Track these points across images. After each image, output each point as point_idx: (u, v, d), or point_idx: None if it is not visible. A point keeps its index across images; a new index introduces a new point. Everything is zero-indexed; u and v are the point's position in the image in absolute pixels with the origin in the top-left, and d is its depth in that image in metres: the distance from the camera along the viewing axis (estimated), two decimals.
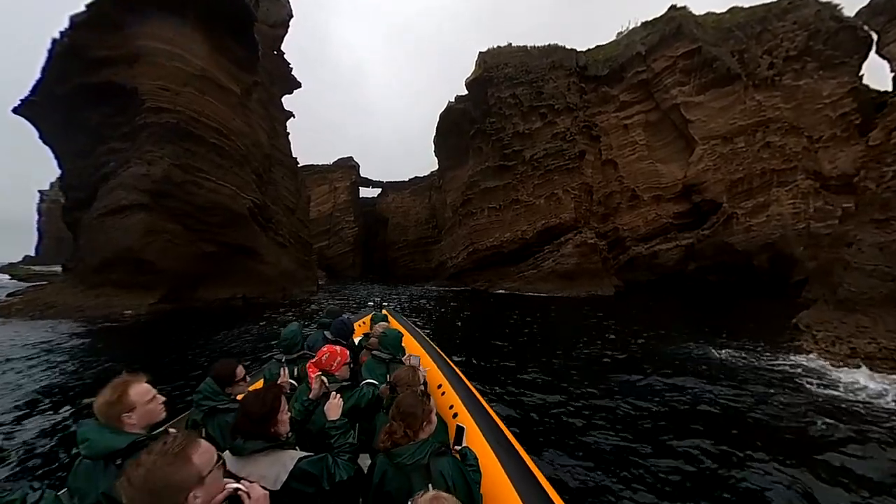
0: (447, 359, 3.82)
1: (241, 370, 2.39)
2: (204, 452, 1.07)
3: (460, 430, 2.25)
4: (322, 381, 2.25)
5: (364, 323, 5.53)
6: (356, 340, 4.10)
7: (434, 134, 44.66)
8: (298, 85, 25.51)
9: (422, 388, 2.25)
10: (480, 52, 34.57)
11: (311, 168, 50.56)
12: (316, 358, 2.43)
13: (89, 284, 15.20)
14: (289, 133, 25.73)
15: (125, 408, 1.50)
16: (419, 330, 5.09)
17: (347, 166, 51.66)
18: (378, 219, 55.47)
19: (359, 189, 54.13)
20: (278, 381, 2.61)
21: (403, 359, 3.10)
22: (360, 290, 30.03)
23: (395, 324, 5.19)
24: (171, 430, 1.30)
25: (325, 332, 3.52)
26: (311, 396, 2.23)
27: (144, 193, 14.97)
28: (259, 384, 2.91)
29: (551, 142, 30.15)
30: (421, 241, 49.56)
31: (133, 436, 1.47)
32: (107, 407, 1.49)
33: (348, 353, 2.50)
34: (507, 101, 31.88)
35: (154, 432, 1.54)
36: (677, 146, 30.77)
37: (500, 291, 27.36)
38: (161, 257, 15.39)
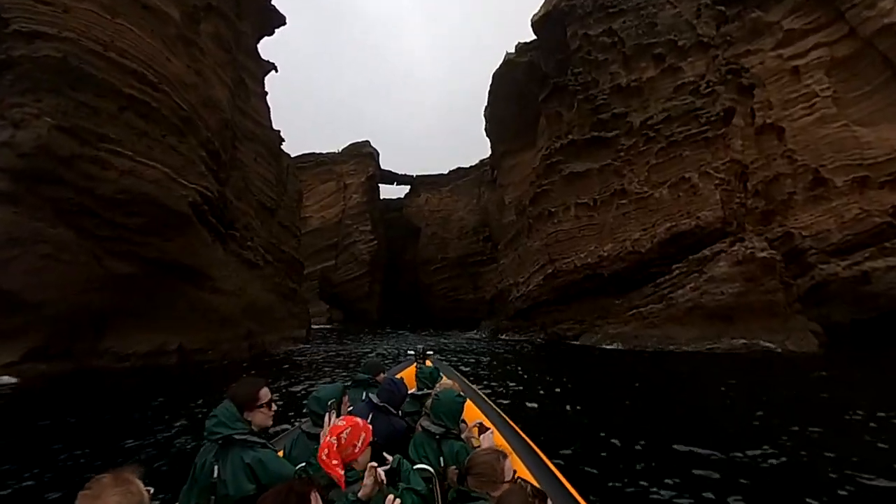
0: (514, 425, 3.84)
1: (265, 393, 2.50)
2: None
3: None
4: (378, 475, 2.20)
5: (403, 378, 4.72)
6: None
7: (485, 104, 43.79)
8: (282, 21, 23.12)
9: (516, 483, 2.18)
10: None
11: (311, 158, 51.08)
12: (334, 438, 2.34)
13: None
14: (267, 93, 23.55)
15: None
16: (474, 386, 5.18)
17: (362, 154, 51.55)
18: (406, 228, 55.90)
19: (378, 187, 54.60)
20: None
21: (466, 434, 3.17)
22: (381, 341, 26.94)
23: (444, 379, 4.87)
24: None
25: (370, 395, 3.48)
26: (360, 496, 2.19)
27: (4, 175, 12.17)
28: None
29: (676, 97, 25.82)
30: (467, 260, 49.26)
31: None
32: None
33: (371, 428, 2.49)
34: (598, 42, 28.53)
35: None
36: (891, 96, 26.20)
37: (604, 344, 22.90)
38: (33, 284, 12.55)
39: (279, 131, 23.84)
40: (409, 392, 4.10)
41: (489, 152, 47.38)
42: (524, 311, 29.04)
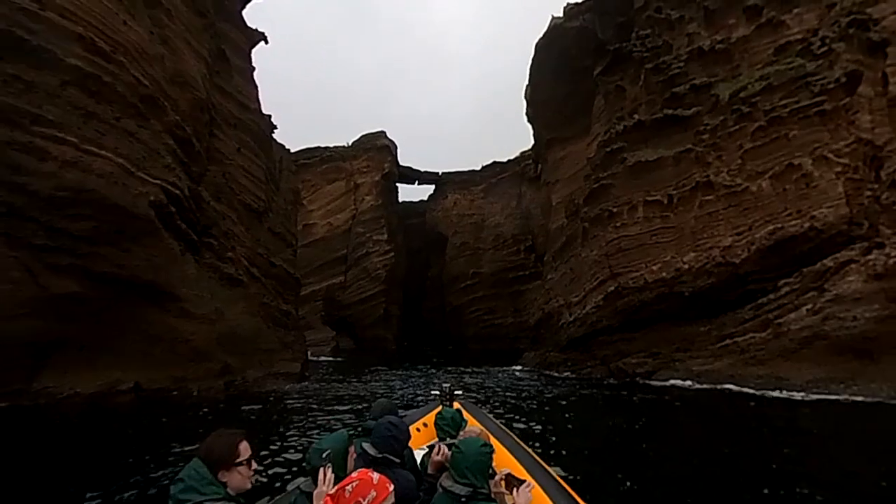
0: (561, 481, 4.09)
1: (245, 447, 2.60)
2: None
3: None
4: None
5: (426, 425, 5.79)
6: (418, 455, 4.33)
7: (526, 83, 43.69)
8: None
9: None
10: None
11: (315, 152, 51.74)
12: (335, 490, 2.51)
13: None
14: (254, 69, 23.15)
15: None
16: (509, 430, 5.64)
17: (377, 148, 51.63)
18: (430, 237, 57.18)
19: (396, 187, 55.20)
20: None
21: (493, 489, 3.24)
22: (399, 379, 27.46)
23: (471, 421, 5.54)
24: None
25: (363, 444, 3.57)
26: None
27: None
28: None
29: (778, 61, 25.04)
30: (506, 276, 49.35)
31: None
32: None
33: (391, 487, 2.56)
34: None
35: None
36: None
37: (685, 382, 21.88)
38: None
39: (270, 116, 23.64)
40: (430, 444, 4.24)
41: (531, 142, 47.02)
42: (579, 341, 28.52)
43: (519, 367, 31.69)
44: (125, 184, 14.48)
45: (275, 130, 24.27)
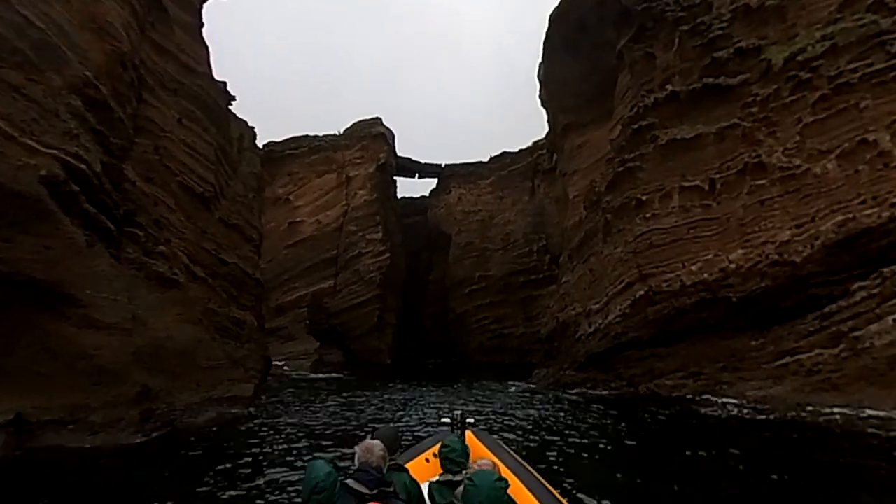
0: None
1: None
2: None
3: None
4: None
5: (435, 455, 5.53)
6: (424, 489, 4.53)
7: (540, 59, 42.08)
8: None
9: None
10: None
11: (304, 142, 51.57)
12: None
13: None
14: (203, 25, 21.13)
15: None
16: (525, 463, 5.61)
17: (371, 136, 50.82)
18: (431, 236, 57.44)
19: (394, 181, 54.70)
20: None
21: None
22: (389, 403, 26.27)
23: (478, 449, 5.81)
24: None
25: (351, 485, 3.49)
26: None
27: None
28: None
29: (843, 17, 23.54)
30: (517, 280, 49.08)
31: None
32: None
33: None
34: None
35: None
36: None
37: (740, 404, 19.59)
38: None
39: (225, 83, 21.52)
40: (435, 479, 4.50)
41: (545, 130, 45.90)
42: (600, 357, 27.01)
43: (529, 387, 29.69)
44: (3, 152, 12.44)
45: (232, 102, 22.21)
